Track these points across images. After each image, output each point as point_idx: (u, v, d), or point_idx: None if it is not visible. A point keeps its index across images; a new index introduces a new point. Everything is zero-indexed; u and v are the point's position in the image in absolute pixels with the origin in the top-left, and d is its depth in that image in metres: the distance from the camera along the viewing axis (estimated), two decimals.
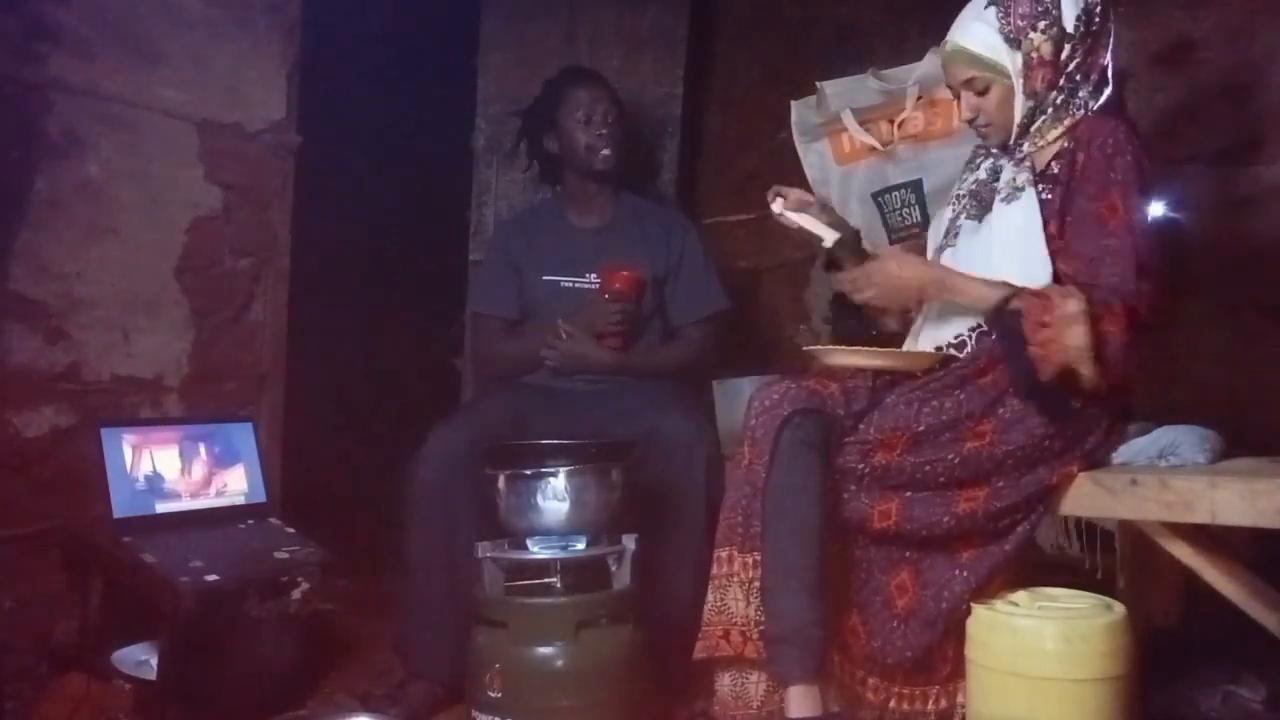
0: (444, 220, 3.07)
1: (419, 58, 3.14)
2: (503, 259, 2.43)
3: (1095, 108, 1.74)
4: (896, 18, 2.75)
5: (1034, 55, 1.71)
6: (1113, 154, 1.65)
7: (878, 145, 2.43)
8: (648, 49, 2.92)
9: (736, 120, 3.10)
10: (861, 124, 2.43)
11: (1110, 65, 1.76)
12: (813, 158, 2.53)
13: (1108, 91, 1.76)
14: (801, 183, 2.56)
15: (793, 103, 2.52)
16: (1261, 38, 2.24)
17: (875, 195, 2.48)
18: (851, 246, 1.98)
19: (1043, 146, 1.78)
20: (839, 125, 2.45)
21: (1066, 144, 1.75)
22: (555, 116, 2.42)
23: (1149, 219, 1.69)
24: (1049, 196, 1.74)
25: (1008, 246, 1.75)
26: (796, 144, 2.53)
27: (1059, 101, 1.74)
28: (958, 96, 1.84)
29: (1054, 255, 1.69)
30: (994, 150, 1.85)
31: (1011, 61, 1.73)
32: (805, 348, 1.96)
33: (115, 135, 2.16)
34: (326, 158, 2.70)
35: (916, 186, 2.44)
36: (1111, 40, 1.76)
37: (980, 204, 1.84)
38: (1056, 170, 1.75)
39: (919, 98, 2.37)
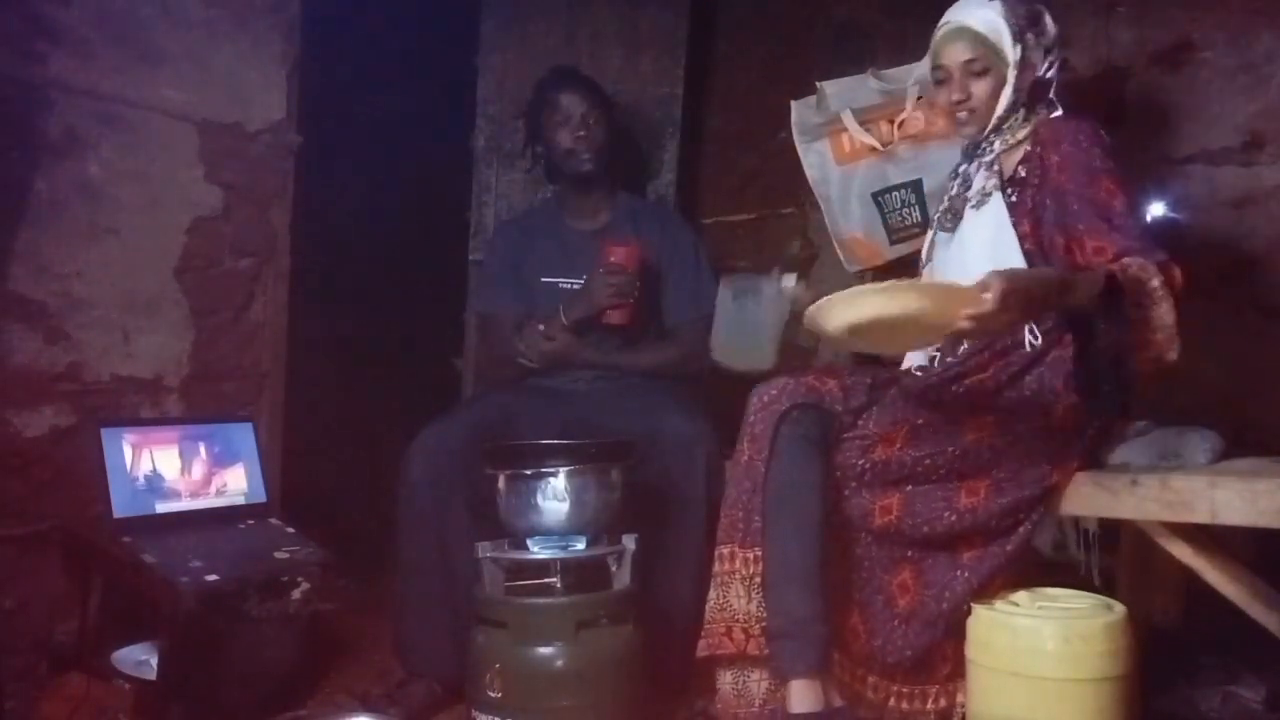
0: (444, 220, 3.06)
1: (419, 58, 3.14)
2: (504, 258, 2.44)
3: (1050, 115, 1.82)
4: (896, 18, 2.75)
5: (1028, 56, 1.79)
6: (1089, 146, 1.71)
7: (878, 145, 2.42)
8: (648, 49, 2.92)
9: (736, 120, 3.10)
10: (861, 124, 2.43)
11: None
12: (813, 158, 2.53)
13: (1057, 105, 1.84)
14: (802, 181, 2.57)
15: (793, 103, 2.51)
16: (1261, 38, 2.24)
17: (875, 195, 2.47)
18: None
19: (1011, 147, 1.83)
20: (839, 125, 2.45)
21: (1030, 147, 1.80)
22: (538, 121, 2.44)
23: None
24: (1016, 199, 1.79)
25: (981, 249, 1.78)
26: (796, 144, 2.52)
27: (1030, 106, 1.82)
28: (944, 80, 1.85)
29: (1031, 254, 1.73)
30: (973, 153, 1.89)
31: (1013, 53, 1.78)
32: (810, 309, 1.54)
33: (115, 135, 2.16)
34: (326, 158, 2.70)
35: (916, 186, 2.43)
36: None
37: (954, 216, 1.89)
38: (1024, 174, 1.80)
39: (919, 98, 2.37)
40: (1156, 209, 2.30)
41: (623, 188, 2.55)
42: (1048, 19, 1.82)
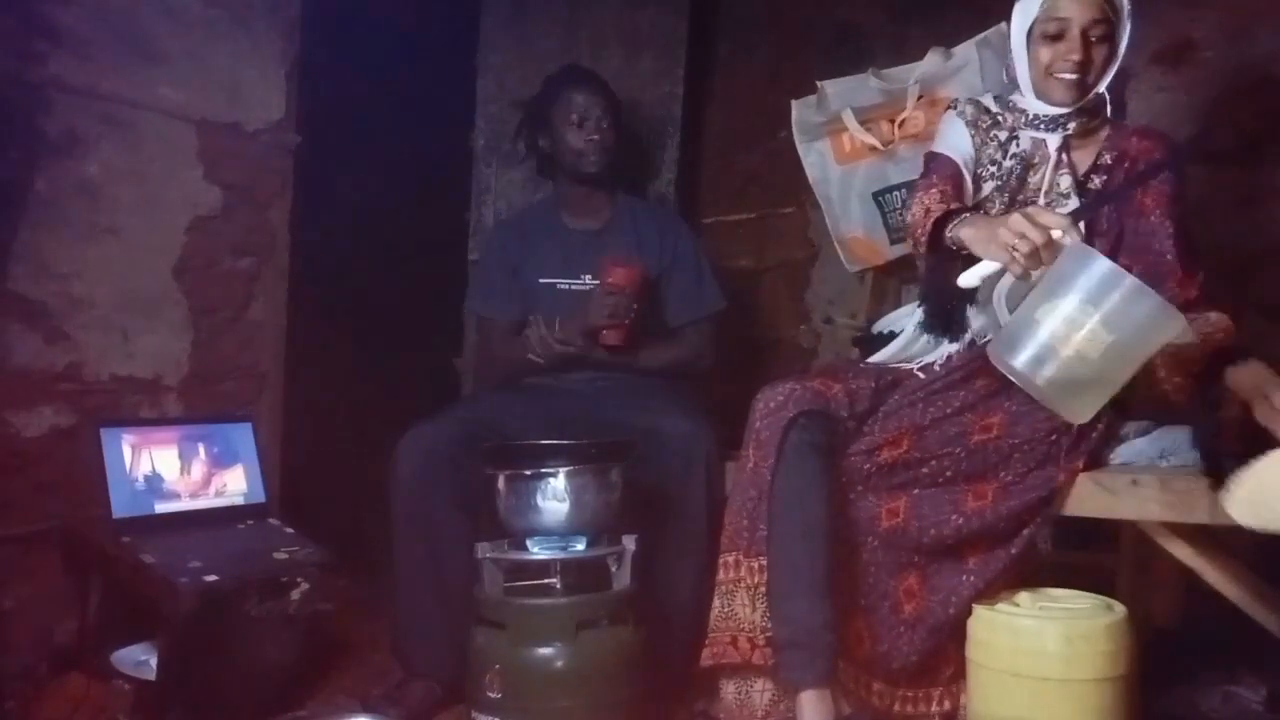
0: (444, 220, 3.06)
1: (419, 58, 3.13)
2: (500, 260, 2.43)
3: (1126, 123, 1.77)
4: (896, 18, 2.75)
5: (1131, 37, 1.72)
6: (1181, 172, 1.70)
7: (878, 145, 2.42)
8: (648, 49, 2.92)
9: (736, 120, 3.10)
10: (862, 123, 2.43)
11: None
12: (813, 157, 2.53)
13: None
14: (802, 181, 2.57)
15: (793, 102, 2.52)
16: (1261, 38, 2.24)
17: (875, 195, 2.48)
18: None
19: (1082, 139, 1.76)
20: (839, 125, 2.45)
21: (1107, 156, 1.74)
22: (549, 116, 2.42)
23: None
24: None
25: None
26: (797, 143, 2.53)
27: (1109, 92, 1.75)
28: (1057, 35, 1.70)
29: None
30: (1040, 124, 1.77)
31: (1130, 29, 1.71)
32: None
33: (115, 135, 2.16)
34: (326, 158, 2.69)
35: None
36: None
37: (1014, 202, 1.78)
38: (1099, 184, 1.74)
39: (920, 97, 2.37)
40: None
41: (622, 188, 2.54)
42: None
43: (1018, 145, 1.80)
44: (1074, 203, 1.72)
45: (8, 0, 1.97)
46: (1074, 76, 1.70)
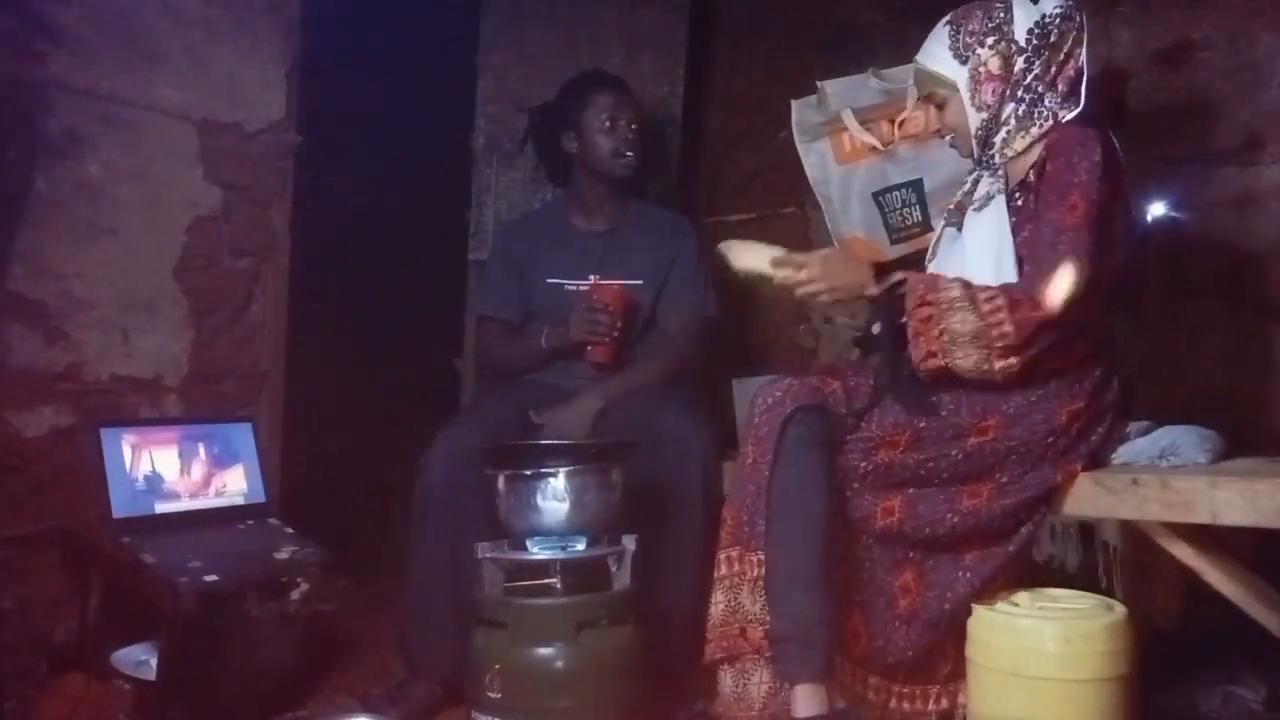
0: (444, 220, 3.06)
1: (419, 58, 3.13)
2: (505, 262, 2.43)
3: (1066, 118, 1.74)
4: (896, 18, 2.75)
5: (981, 70, 1.76)
6: (1077, 160, 1.67)
7: (878, 145, 2.42)
8: (648, 49, 2.92)
9: (737, 120, 3.10)
10: (862, 123, 2.43)
11: (1084, 76, 1.77)
12: (813, 157, 2.53)
13: (1080, 103, 1.75)
14: (802, 181, 2.56)
15: (793, 102, 2.51)
16: (1262, 38, 2.24)
17: (876, 195, 2.47)
18: None
19: (1016, 157, 1.80)
20: (839, 125, 2.45)
21: (1041, 154, 1.76)
22: (578, 118, 2.40)
23: (1115, 215, 1.71)
24: (1021, 202, 1.78)
25: (979, 249, 1.79)
26: (797, 143, 2.52)
27: (1020, 113, 1.76)
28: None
29: (1026, 258, 1.72)
30: (979, 164, 1.87)
31: (959, 76, 1.78)
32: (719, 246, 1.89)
33: (115, 135, 2.16)
34: (326, 158, 2.69)
35: (917, 186, 2.43)
36: (1083, 51, 1.76)
37: (961, 214, 1.89)
38: (1033, 179, 1.77)
39: (920, 97, 2.37)
40: (1157, 209, 2.29)
41: (634, 193, 2.53)
42: (1017, 20, 1.74)
43: (976, 171, 1.91)
44: (998, 203, 1.79)
45: (8, 0, 1.97)
46: (947, 140, 1.92)
